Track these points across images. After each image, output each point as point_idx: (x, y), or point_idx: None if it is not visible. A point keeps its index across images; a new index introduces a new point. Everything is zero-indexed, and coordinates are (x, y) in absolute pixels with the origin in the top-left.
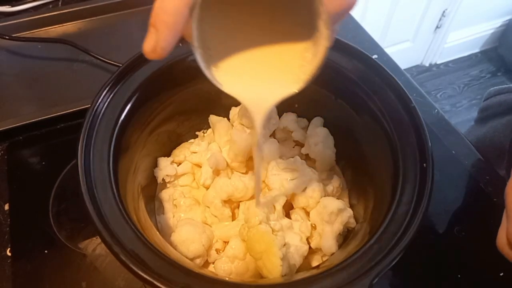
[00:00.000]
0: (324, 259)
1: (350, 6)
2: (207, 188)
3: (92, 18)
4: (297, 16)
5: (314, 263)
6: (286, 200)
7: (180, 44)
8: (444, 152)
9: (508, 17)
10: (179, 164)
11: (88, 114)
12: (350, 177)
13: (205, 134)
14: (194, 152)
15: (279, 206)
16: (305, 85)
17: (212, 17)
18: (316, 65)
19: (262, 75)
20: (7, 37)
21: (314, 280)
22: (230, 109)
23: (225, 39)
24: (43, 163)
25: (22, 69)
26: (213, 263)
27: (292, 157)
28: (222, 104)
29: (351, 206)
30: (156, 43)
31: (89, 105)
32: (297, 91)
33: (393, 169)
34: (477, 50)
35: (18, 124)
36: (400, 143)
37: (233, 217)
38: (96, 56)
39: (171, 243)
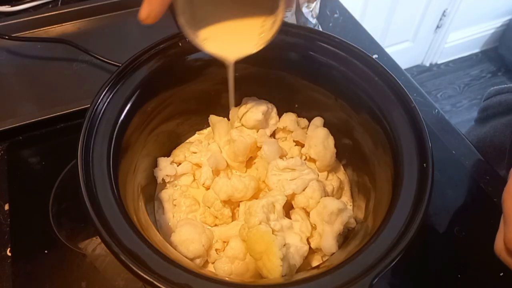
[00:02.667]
0: (324, 259)
1: None
2: (207, 188)
3: (91, 18)
4: None
5: (314, 263)
6: (286, 200)
7: (180, 44)
8: (444, 152)
9: (508, 17)
10: (179, 164)
11: (88, 114)
12: (350, 177)
13: (205, 134)
14: (194, 152)
15: (279, 206)
16: (260, 48)
17: None
18: (272, 34)
19: (231, 40)
20: (6, 37)
21: (314, 280)
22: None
23: (208, 11)
24: (43, 163)
25: (22, 69)
26: (213, 263)
27: (292, 157)
28: (222, 104)
29: (351, 206)
30: (149, 12)
31: (89, 105)
32: (254, 51)
33: (393, 169)
34: (477, 50)
35: (18, 124)
36: (400, 143)
37: (233, 217)
38: (96, 56)
39: (171, 243)
